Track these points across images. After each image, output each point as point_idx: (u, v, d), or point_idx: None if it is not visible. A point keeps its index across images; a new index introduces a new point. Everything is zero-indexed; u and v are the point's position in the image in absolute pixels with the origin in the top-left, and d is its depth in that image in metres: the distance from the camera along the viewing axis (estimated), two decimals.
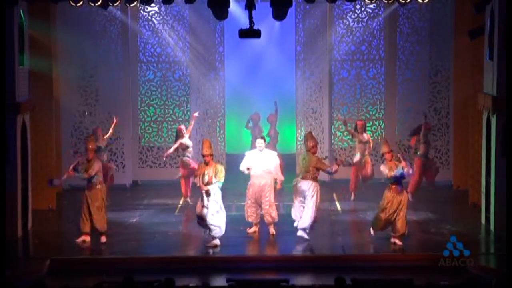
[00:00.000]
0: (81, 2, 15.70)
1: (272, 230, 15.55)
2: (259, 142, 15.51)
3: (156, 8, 19.67)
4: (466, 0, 17.48)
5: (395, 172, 14.53)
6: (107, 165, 17.33)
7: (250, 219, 15.58)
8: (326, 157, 16.22)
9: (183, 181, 17.84)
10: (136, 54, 19.90)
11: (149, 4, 18.21)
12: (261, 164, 15.41)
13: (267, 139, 18.60)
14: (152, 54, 20.00)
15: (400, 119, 19.92)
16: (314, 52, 19.98)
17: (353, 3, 18.85)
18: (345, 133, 20.18)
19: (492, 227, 15.52)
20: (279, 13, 15.55)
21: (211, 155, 14.68)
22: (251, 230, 15.61)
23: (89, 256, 14.21)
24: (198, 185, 14.73)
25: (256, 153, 15.57)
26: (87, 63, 19.62)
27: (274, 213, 15.51)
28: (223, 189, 19.36)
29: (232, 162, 20.31)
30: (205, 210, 14.53)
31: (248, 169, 15.39)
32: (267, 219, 15.48)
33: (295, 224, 15.15)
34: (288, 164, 18.54)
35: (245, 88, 21.34)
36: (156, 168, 20.14)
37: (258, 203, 15.46)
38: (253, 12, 15.17)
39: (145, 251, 14.74)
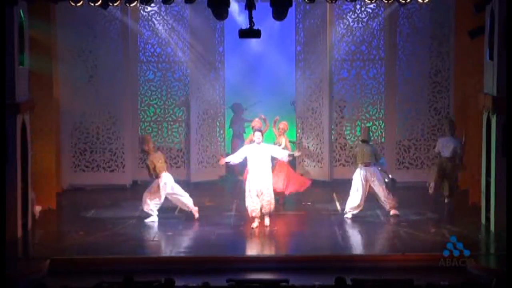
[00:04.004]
0: (81, 2, 15.69)
1: (267, 221, 15.84)
2: (257, 135, 15.89)
3: (156, 8, 19.66)
4: (466, 0, 17.47)
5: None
6: None
7: (253, 214, 15.79)
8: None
9: None
10: (136, 54, 19.88)
11: (149, 4, 18.18)
12: (260, 157, 15.78)
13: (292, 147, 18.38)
14: (152, 54, 19.98)
15: (400, 119, 19.90)
16: (314, 52, 19.97)
17: (353, 3, 18.83)
18: (345, 133, 20.18)
19: (492, 227, 15.53)
20: (279, 13, 15.54)
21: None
22: (255, 225, 15.84)
23: (89, 256, 14.20)
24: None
25: (254, 147, 15.89)
26: (87, 63, 19.61)
27: (273, 206, 15.93)
28: (224, 188, 19.53)
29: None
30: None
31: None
32: (265, 210, 15.78)
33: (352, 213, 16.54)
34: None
35: (245, 88, 21.34)
36: None
37: (259, 196, 15.74)
38: (253, 12, 15.17)
39: (145, 251, 14.75)
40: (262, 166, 15.84)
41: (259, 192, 15.79)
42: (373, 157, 16.72)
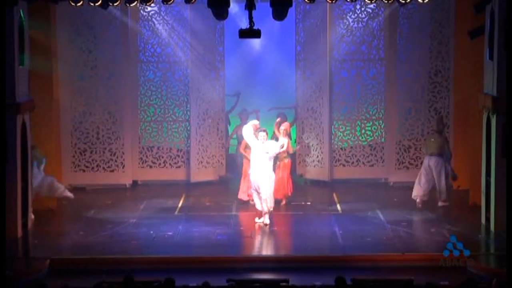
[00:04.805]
0: (81, 2, 15.69)
1: (267, 220, 16.00)
2: (262, 135, 16.14)
3: (156, 8, 19.65)
4: (466, 0, 17.48)
5: None
6: None
7: (258, 208, 16.12)
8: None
9: None
10: (136, 54, 19.87)
11: (149, 4, 18.15)
12: (262, 156, 16.02)
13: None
14: (152, 54, 19.97)
15: (400, 119, 19.89)
16: (314, 52, 19.96)
17: (353, 3, 18.83)
18: (345, 133, 20.18)
19: (492, 227, 15.53)
20: (279, 13, 15.54)
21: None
22: (260, 220, 16.09)
23: (89, 256, 14.20)
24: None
25: (259, 145, 16.15)
26: (87, 63, 19.61)
27: (270, 205, 16.04)
28: (224, 188, 19.53)
29: (232, 163, 20.37)
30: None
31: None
32: (263, 208, 16.00)
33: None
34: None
35: (245, 88, 21.32)
36: (156, 168, 20.14)
37: (258, 192, 16.03)
38: (253, 12, 15.17)
39: (145, 251, 14.74)
40: (263, 165, 16.03)
41: (257, 188, 16.03)
42: (439, 148, 17.36)
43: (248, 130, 16.41)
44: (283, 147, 17.26)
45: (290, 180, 17.90)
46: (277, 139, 17.27)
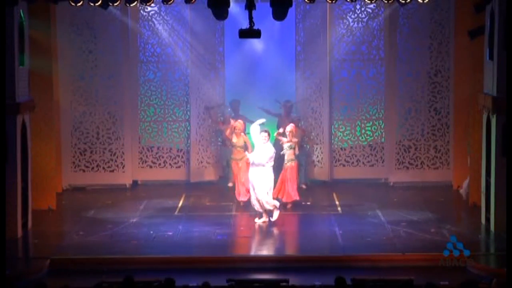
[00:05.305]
0: (81, 2, 15.69)
1: (265, 218, 16.15)
2: (263, 136, 16.21)
3: (156, 8, 19.65)
4: (466, 0, 17.48)
5: None
6: None
7: (257, 209, 16.18)
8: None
9: None
10: (136, 54, 19.87)
11: (149, 4, 18.13)
12: (260, 156, 16.13)
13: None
14: (152, 54, 19.98)
15: (400, 119, 19.89)
16: (314, 52, 19.97)
17: (353, 3, 18.83)
18: (345, 133, 20.18)
19: (492, 227, 15.53)
20: (279, 13, 15.55)
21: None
22: (259, 220, 16.17)
23: (89, 256, 14.21)
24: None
25: (260, 145, 16.24)
26: (87, 63, 19.61)
27: (269, 204, 16.09)
28: (224, 188, 19.51)
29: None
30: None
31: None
32: (262, 207, 16.11)
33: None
34: None
35: (245, 88, 21.33)
36: (156, 168, 20.13)
37: (255, 192, 16.13)
38: (253, 12, 15.17)
39: (145, 251, 14.75)
40: (259, 164, 16.11)
41: (253, 187, 16.12)
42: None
43: (255, 129, 16.44)
44: (294, 147, 17.29)
45: (296, 185, 17.65)
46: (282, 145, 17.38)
